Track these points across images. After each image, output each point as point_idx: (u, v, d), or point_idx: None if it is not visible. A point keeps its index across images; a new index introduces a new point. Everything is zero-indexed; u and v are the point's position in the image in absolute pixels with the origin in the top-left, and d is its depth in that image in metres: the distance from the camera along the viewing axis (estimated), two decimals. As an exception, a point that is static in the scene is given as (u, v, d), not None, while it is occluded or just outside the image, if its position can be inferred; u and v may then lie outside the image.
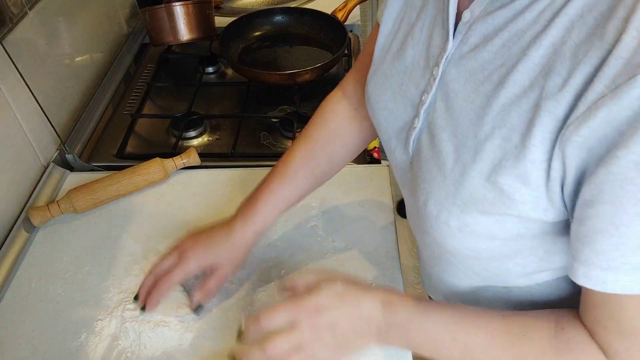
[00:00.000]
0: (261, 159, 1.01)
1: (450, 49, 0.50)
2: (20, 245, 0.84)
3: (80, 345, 0.70)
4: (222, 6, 1.51)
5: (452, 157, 0.49)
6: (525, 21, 0.43)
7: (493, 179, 0.45)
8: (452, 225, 0.51)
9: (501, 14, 0.45)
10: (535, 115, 0.42)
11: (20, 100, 0.90)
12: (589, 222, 0.41)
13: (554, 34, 0.41)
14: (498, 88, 0.45)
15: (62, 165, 0.99)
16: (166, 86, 1.23)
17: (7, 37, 0.87)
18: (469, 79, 0.48)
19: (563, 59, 0.41)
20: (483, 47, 0.47)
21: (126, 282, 0.77)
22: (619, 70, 0.37)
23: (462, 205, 0.49)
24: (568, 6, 0.40)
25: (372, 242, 0.82)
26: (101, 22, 1.23)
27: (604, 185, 0.39)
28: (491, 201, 0.46)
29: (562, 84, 0.40)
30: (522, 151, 0.43)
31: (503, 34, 0.45)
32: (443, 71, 0.51)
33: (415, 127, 0.54)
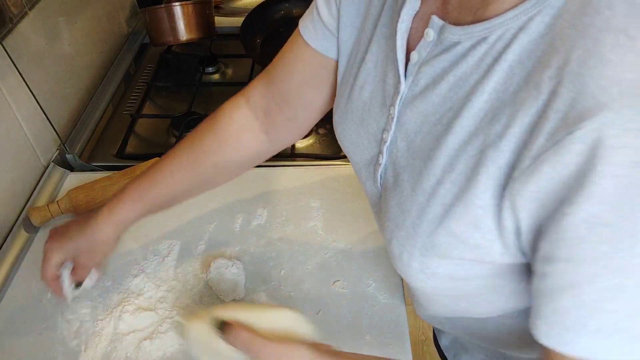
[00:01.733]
0: (261, 159, 1.01)
1: (403, 89, 0.49)
2: (20, 245, 0.84)
3: (81, 345, 0.70)
4: (222, 6, 1.51)
5: (411, 199, 0.48)
6: (468, 65, 0.42)
7: (446, 223, 0.45)
8: (413, 267, 0.50)
9: (445, 58, 0.44)
10: (480, 162, 0.41)
11: (20, 100, 0.90)
12: (548, 279, 0.40)
13: (495, 80, 0.40)
14: (446, 132, 0.44)
15: (62, 165, 0.99)
16: (166, 86, 1.23)
17: (7, 37, 0.87)
18: (424, 120, 0.47)
19: (504, 106, 0.40)
20: (432, 89, 0.46)
21: (126, 282, 0.77)
22: (558, 125, 0.35)
23: (422, 248, 0.48)
24: (507, 52, 0.39)
25: (372, 242, 0.82)
26: (101, 22, 1.23)
27: (558, 243, 0.38)
28: (447, 245, 0.46)
29: (502, 132, 0.40)
30: (471, 198, 0.42)
31: (449, 78, 0.44)
32: (399, 111, 0.50)
33: (381, 163, 0.54)
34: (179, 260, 0.81)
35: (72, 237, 0.69)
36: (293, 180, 0.94)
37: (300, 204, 0.89)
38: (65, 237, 0.69)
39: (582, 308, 0.38)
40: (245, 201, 0.90)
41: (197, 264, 0.80)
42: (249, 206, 0.89)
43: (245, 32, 1.24)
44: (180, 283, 0.77)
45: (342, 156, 1.00)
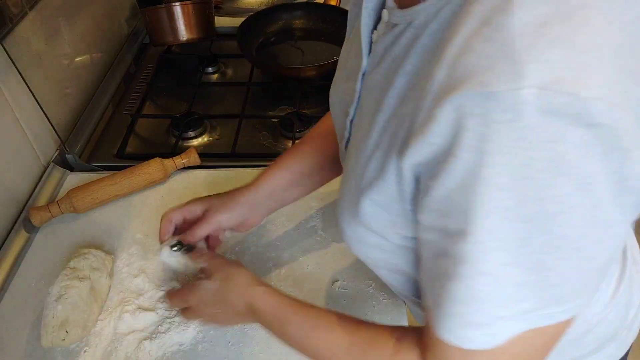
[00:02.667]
0: (261, 159, 1.01)
1: (364, 65, 0.52)
2: (20, 245, 0.84)
3: (81, 345, 0.70)
4: (222, 6, 1.51)
5: (352, 171, 0.51)
6: (399, 47, 0.45)
7: (371, 195, 0.47)
8: (348, 234, 0.54)
9: (388, 38, 0.47)
10: (393, 139, 0.44)
11: (20, 100, 0.90)
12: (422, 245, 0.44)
13: (412, 63, 0.43)
14: (378, 109, 0.47)
15: (62, 165, 0.99)
16: (166, 86, 1.23)
17: (7, 37, 0.87)
18: (368, 97, 0.50)
19: (414, 88, 0.42)
20: (378, 67, 0.49)
21: (126, 282, 0.77)
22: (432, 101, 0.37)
23: (354, 216, 0.51)
24: (422, 36, 0.42)
25: (372, 242, 0.82)
26: (101, 22, 1.23)
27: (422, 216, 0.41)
28: (372, 215, 0.49)
29: (406, 112, 0.42)
30: (385, 171, 0.45)
31: (388, 57, 0.47)
32: (360, 87, 0.53)
33: (345, 137, 0.57)
34: (179, 260, 0.81)
35: (214, 196, 0.73)
36: (293, 180, 0.94)
37: (300, 204, 0.89)
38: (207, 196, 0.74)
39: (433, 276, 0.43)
40: (245, 201, 0.90)
41: (197, 264, 0.80)
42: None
43: (242, 35, 1.24)
44: (180, 283, 0.77)
45: (342, 156, 1.00)
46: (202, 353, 0.69)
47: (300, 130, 1.05)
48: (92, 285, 0.72)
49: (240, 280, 0.62)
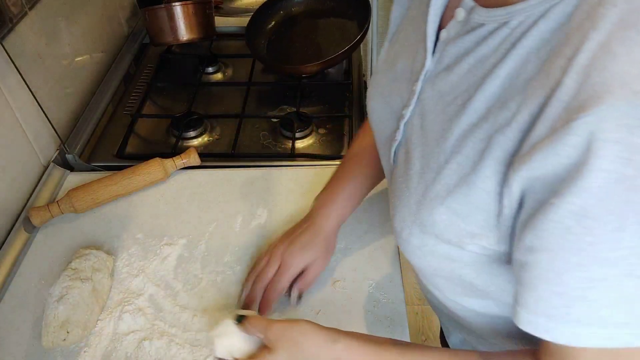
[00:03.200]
0: (261, 159, 1.01)
1: (427, 66, 0.50)
2: (20, 245, 0.84)
3: (81, 345, 0.70)
4: (222, 6, 1.51)
5: (418, 176, 0.49)
6: (488, 48, 0.43)
7: (448, 203, 0.45)
8: (412, 243, 0.51)
9: (469, 38, 0.45)
10: (487, 147, 0.42)
11: (20, 100, 0.90)
12: (531, 269, 0.40)
13: (511, 65, 0.41)
14: (460, 113, 0.45)
15: (62, 165, 0.99)
16: (166, 86, 1.23)
17: (7, 37, 0.87)
18: (439, 99, 0.48)
19: (516, 92, 0.40)
20: (453, 69, 0.47)
21: (126, 282, 0.78)
22: (558, 114, 0.36)
23: (421, 225, 0.49)
24: (526, 38, 0.40)
25: (372, 242, 0.82)
26: (101, 22, 1.23)
27: (543, 232, 0.38)
28: (447, 225, 0.46)
29: (510, 119, 0.40)
30: (475, 180, 0.43)
31: (469, 59, 0.45)
32: (421, 88, 0.51)
33: (397, 139, 0.55)
34: (179, 261, 0.81)
35: (304, 247, 0.71)
36: (293, 180, 0.94)
37: (300, 204, 0.89)
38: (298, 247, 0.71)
39: (565, 297, 0.39)
40: (245, 201, 0.90)
41: (197, 264, 0.80)
42: (249, 206, 0.89)
43: (250, 35, 1.24)
44: (181, 283, 0.77)
45: (342, 156, 1.00)
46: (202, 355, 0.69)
47: (300, 130, 1.05)
48: (94, 286, 0.72)
49: (312, 342, 0.54)
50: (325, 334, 0.55)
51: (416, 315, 1.77)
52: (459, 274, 0.52)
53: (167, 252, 0.82)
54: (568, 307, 0.39)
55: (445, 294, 0.60)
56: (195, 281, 0.78)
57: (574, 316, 0.39)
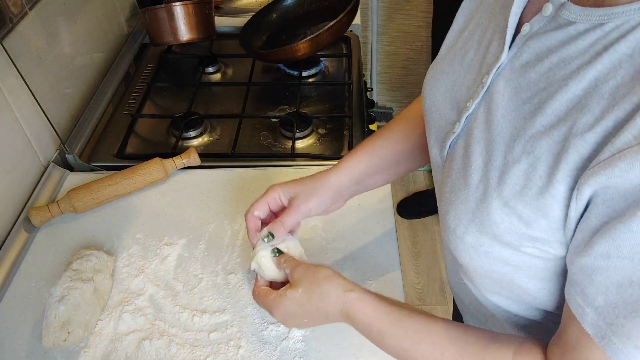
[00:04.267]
0: (261, 159, 1.01)
1: (503, 59, 0.48)
2: (20, 245, 0.84)
3: (81, 345, 0.70)
4: (222, 6, 1.51)
5: (479, 173, 0.47)
6: (577, 48, 0.41)
7: (512, 204, 0.44)
8: (466, 242, 0.49)
9: (555, 36, 0.43)
10: (563, 150, 0.40)
11: (20, 100, 0.90)
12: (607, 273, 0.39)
13: (599, 69, 0.39)
14: (535, 113, 0.43)
15: (62, 165, 0.99)
16: (166, 86, 1.23)
17: (7, 37, 0.87)
18: (513, 96, 0.46)
19: (601, 97, 0.39)
20: (533, 66, 0.45)
21: (126, 282, 0.78)
22: None
23: (479, 225, 0.47)
24: (620, 43, 0.38)
25: (372, 242, 0.82)
26: (101, 22, 1.23)
27: (622, 242, 0.37)
28: (507, 227, 0.45)
29: (592, 124, 0.38)
30: (546, 184, 0.41)
31: (553, 57, 0.43)
32: (492, 81, 0.49)
33: (455, 131, 0.53)
34: (179, 260, 0.81)
35: (297, 182, 0.69)
36: (293, 180, 0.94)
37: (300, 204, 0.89)
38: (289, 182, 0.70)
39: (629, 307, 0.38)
40: (245, 201, 0.90)
41: (197, 264, 0.80)
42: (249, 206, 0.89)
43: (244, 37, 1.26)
44: (181, 283, 0.77)
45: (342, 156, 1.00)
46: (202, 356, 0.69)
47: (300, 130, 1.05)
48: (95, 287, 0.73)
49: (330, 286, 0.58)
50: (345, 282, 0.58)
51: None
52: (511, 277, 0.50)
53: (167, 252, 0.82)
54: (627, 318, 0.38)
55: (484, 293, 0.58)
56: (195, 281, 0.78)
57: (627, 330, 0.38)
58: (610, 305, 0.39)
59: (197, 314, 0.73)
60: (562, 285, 0.49)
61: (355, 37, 1.38)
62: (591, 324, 0.41)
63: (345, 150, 1.02)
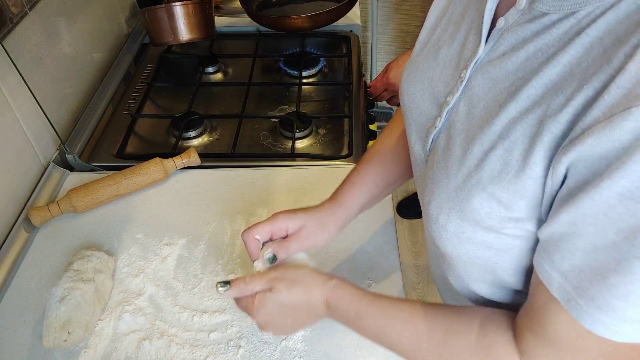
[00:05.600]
0: (261, 159, 1.01)
1: (480, 53, 0.49)
2: (20, 245, 0.84)
3: (81, 345, 0.70)
4: (222, 6, 1.51)
5: (459, 162, 0.49)
6: (552, 37, 0.43)
7: (491, 189, 0.45)
8: (449, 230, 0.51)
9: (530, 27, 0.45)
10: (537, 133, 0.41)
11: (20, 100, 0.90)
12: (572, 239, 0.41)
13: (572, 54, 0.41)
14: (510, 99, 0.45)
15: (62, 165, 0.99)
16: (166, 86, 1.23)
17: (7, 37, 0.87)
18: (492, 87, 0.47)
19: (573, 79, 0.40)
20: (509, 57, 0.46)
21: (126, 282, 0.78)
22: (617, 100, 0.36)
23: (460, 212, 0.49)
24: (591, 27, 0.39)
25: (372, 242, 0.82)
26: (101, 22, 1.23)
27: (586, 210, 0.38)
28: (488, 212, 0.46)
29: (564, 104, 0.40)
30: (523, 167, 0.43)
31: (529, 47, 0.44)
32: (471, 75, 0.50)
33: (437, 126, 0.54)
34: (179, 260, 0.81)
35: (305, 212, 0.70)
36: (293, 180, 0.94)
37: (300, 204, 0.89)
38: (297, 211, 0.69)
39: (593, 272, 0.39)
40: (245, 201, 0.90)
41: (197, 264, 0.80)
42: (249, 206, 0.89)
43: None
44: (181, 283, 0.77)
45: (342, 156, 1.00)
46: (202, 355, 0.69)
47: (300, 130, 1.05)
48: (96, 287, 0.73)
49: (311, 279, 0.60)
50: (324, 274, 0.61)
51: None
52: (495, 261, 0.52)
53: (167, 252, 0.82)
54: (592, 282, 0.40)
55: (468, 283, 0.59)
56: (195, 281, 0.78)
57: (591, 294, 0.40)
58: (575, 269, 0.41)
59: (197, 314, 0.73)
60: None
61: (355, 37, 1.38)
62: (557, 288, 0.42)
63: (344, 150, 1.02)
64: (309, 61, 1.26)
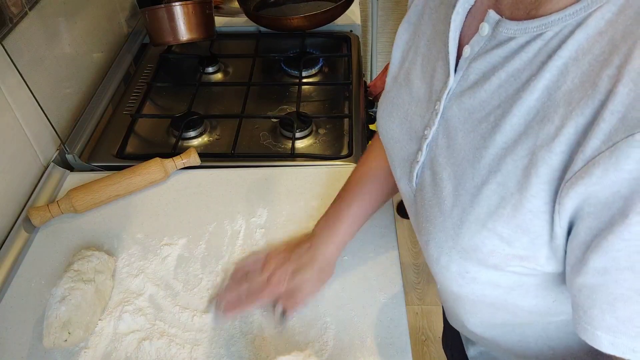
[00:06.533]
0: (261, 159, 1.01)
1: (451, 84, 0.48)
2: (20, 245, 0.84)
3: (80, 345, 0.70)
4: (222, 6, 1.51)
5: (452, 199, 0.47)
6: (522, 61, 0.41)
7: (491, 226, 0.43)
8: (452, 270, 0.49)
9: (498, 53, 0.43)
10: (531, 164, 0.40)
11: (20, 100, 0.90)
12: (607, 289, 0.38)
13: (548, 77, 0.39)
14: (494, 131, 0.43)
15: (62, 165, 0.99)
16: (166, 86, 1.23)
17: (7, 37, 0.87)
18: (468, 117, 0.46)
19: (557, 105, 0.38)
20: (481, 85, 0.45)
21: (126, 282, 0.78)
22: (615, 126, 0.34)
23: (462, 251, 0.47)
24: (562, 48, 0.38)
25: (372, 242, 0.82)
26: (101, 22, 1.23)
27: (617, 253, 0.36)
28: (490, 249, 0.44)
29: (555, 133, 0.38)
30: (520, 200, 0.41)
31: (500, 74, 0.43)
32: (445, 107, 0.49)
33: (419, 161, 0.53)
34: (179, 260, 0.81)
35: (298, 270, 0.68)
36: (293, 180, 0.94)
37: (300, 204, 0.89)
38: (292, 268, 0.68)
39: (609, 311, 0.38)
40: (245, 201, 0.90)
41: (197, 264, 0.80)
42: (249, 206, 0.89)
43: None
44: (181, 283, 0.77)
45: (342, 156, 1.00)
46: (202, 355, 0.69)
47: (300, 130, 1.05)
48: (96, 288, 0.73)
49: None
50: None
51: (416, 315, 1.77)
52: (505, 298, 0.50)
53: (167, 252, 0.82)
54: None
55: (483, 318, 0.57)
56: (195, 281, 0.78)
57: None
58: (623, 321, 0.38)
59: (197, 314, 0.73)
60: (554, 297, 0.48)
61: (355, 37, 1.38)
62: (611, 345, 0.40)
63: (344, 150, 1.02)
64: (309, 61, 1.26)
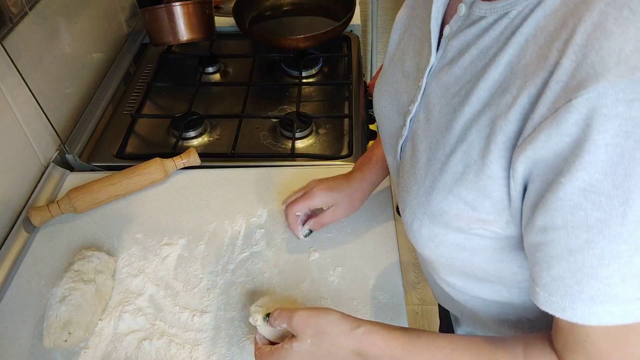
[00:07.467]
0: (261, 159, 1.01)
1: (432, 62, 0.52)
2: (20, 245, 0.84)
3: (81, 345, 0.70)
4: (222, 6, 1.51)
5: (424, 168, 0.51)
6: (490, 38, 0.45)
7: (456, 191, 0.47)
8: (423, 235, 0.53)
9: (471, 31, 0.47)
10: (491, 132, 0.43)
11: (20, 100, 0.90)
12: (545, 248, 0.41)
13: (510, 53, 0.43)
14: (463, 103, 0.47)
15: (62, 165, 0.99)
16: (166, 86, 1.23)
17: (7, 37, 0.87)
18: (444, 92, 0.50)
19: (516, 77, 0.42)
20: (456, 62, 0.49)
21: (126, 282, 0.78)
22: (558, 94, 0.37)
23: (431, 216, 0.50)
24: (524, 26, 0.42)
25: (372, 242, 0.82)
26: (101, 22, 1.23)
27: (554, 212, 0.39)
28: (456, 213, 0.48)
29: (511, 103, 0.41)
30: (481, 167, 0.44)
31: (472, 51, 0.47)
32: (427, 83, 0.53)
33: (403, 135, 0.57)
34: (179, 260, 0.81)
35: (332, 189, 0.78)
36: (293, 180, 0.94)
37: (300, 204, 0.89)
38: (327, 187, 0.78)
39: (578, 274, 0.40)
40: (245, 201, 0.90)
41: (197, 264, 0.80)
42: (249, 206, 0.89)
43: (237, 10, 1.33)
44: (181, 283, 0.77)
45: (342, 156, 1.00)
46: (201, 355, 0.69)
47: (300, 130, 1.05)
48: (97, 288, 0.73)
49: (337, 329, 0.56)
50: (350, 321, 0.57)
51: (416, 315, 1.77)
52: (471, 261, 0.53)
53: (167, 252, 0.82)
54: (580, 285, 0.40)
55: (458, 286, 0.61)
56: (195, 281, 0.78)
57: (587, 294, 0.40)
58: (556, 279, 0.41)
59: (197, 314, 0.73)
60: (520, 262, 0.51)
61: (355, 37, 1.38)
62: (545, 302, 0.43)
63: (344, 150, 1.02)
64: (308, 61, 1.26)
